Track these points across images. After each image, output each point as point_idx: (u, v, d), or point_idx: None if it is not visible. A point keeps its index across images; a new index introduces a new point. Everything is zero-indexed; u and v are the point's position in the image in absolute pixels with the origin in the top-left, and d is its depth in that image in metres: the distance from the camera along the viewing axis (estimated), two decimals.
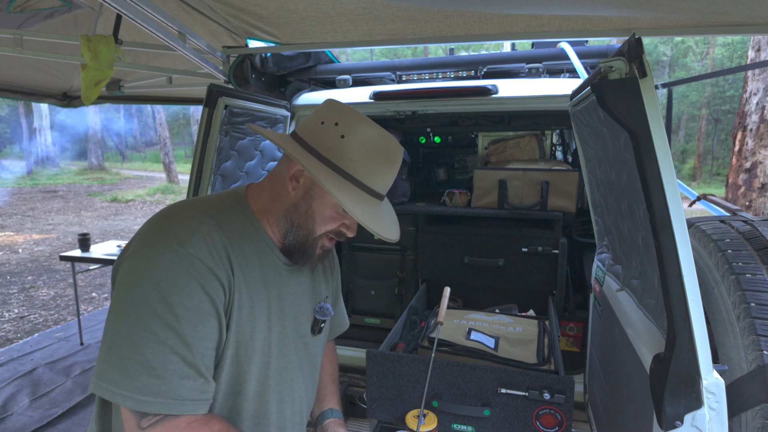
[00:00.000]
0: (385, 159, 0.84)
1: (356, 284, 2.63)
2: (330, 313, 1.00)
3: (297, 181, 0.84)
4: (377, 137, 0.83)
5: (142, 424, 0.69)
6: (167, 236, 0.74)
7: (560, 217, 2.19)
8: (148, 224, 0.79)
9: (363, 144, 0.81)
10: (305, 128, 0.84)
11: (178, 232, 0.75)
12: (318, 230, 0.85)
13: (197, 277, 0.72)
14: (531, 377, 1.28)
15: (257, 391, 0.86)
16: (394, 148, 0.86)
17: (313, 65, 2.47)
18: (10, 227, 8.80)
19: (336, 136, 0.81)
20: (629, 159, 1.07)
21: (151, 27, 1.44)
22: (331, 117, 0.82)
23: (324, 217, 0.85)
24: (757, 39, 5.12)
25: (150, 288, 0.70)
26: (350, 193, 0.80)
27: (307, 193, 0.84)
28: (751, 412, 1.16)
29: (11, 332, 4.06)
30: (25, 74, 2.64)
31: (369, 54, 18.57)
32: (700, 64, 16.85)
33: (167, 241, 0.73)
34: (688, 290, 0.86)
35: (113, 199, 12.28)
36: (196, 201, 0.85)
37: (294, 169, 0.83)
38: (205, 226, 0.77)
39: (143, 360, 0.68)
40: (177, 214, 0.80)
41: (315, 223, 0.85)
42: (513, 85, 2.12)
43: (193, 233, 0.75)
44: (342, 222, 0.87)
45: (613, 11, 1.27)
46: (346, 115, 0.83)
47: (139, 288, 0.70)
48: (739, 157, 5.26)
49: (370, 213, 0.82)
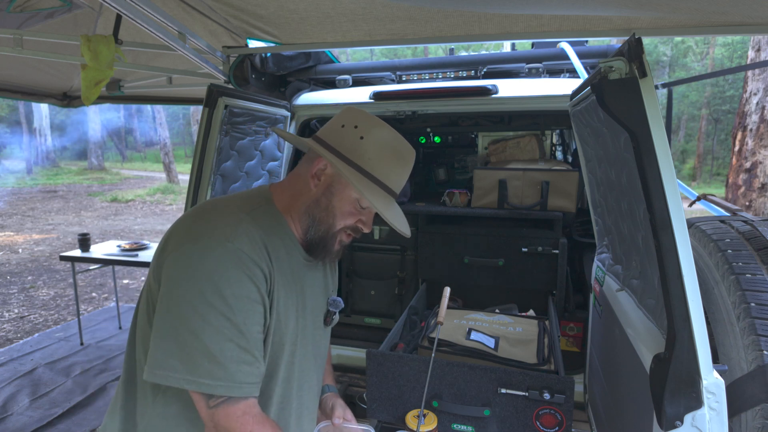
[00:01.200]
0: (399, 159, 0.93)
1: (356, 284, 2.63)
2: (341, 305, 1.07)
3: (319, 178, 0.91)
4: (393, 139, 0.92)
5: (210, 404, 0.77)
6: (212, 233, 0.81)
7: (560, 217, 2.19)
8: (185, 222, 0.86)
9: (380, 145, 0.90)
10: (327, 131, 0.93)
11: (221, 229, 0.82)
12: (337, 224, 0.92)
13: (244, 269, 0.79)
14: (531, 377, 1.28)
15: (284, 378, 0.93)
16: (408, 150, 0.95)
17: (313, 65, 2.47)
18: (10, 227, 8.80)
19: (356, 137, 0.89)
20: (629, 159, 1.07)
21: (151, 27, 1.44)
22: (351, 121, 0.91)
23: (343, 212, 0.92)
24: (757, 39, 5.12)
25: (203, 282, 0.76)
26: (369, 188, 0.88)
27: (328, 189, 0.91)
28: (751, 412, 1.16)
29: (11, 332, 4.06)
30: (25, 74, 2.64)
31: (369, 54, 18.57)
32: (700, 64, 16.86)
33: (214, 237, 0.80)
34: (688, 290, 0.86)
35: (113, 199, 12.29)
36: (228, 199, 0.92)
37: (316, 167, 0.91)
38: (245, 222, 0.84)
39: (203, 348, 0.75)
40: (215, 211, 0.87)
41: (335, 218, 0.92)
42: (513, 85, 2.12)
43: (235, 228, 0.82)
44: (359, 218, 0.94)
45: (613, 11, 1.27)
46: (365, 119, 0.91)
47: (193, 282, 0.77)
48: (739, 157, 5.26)
49: (387, 207, 0.91)
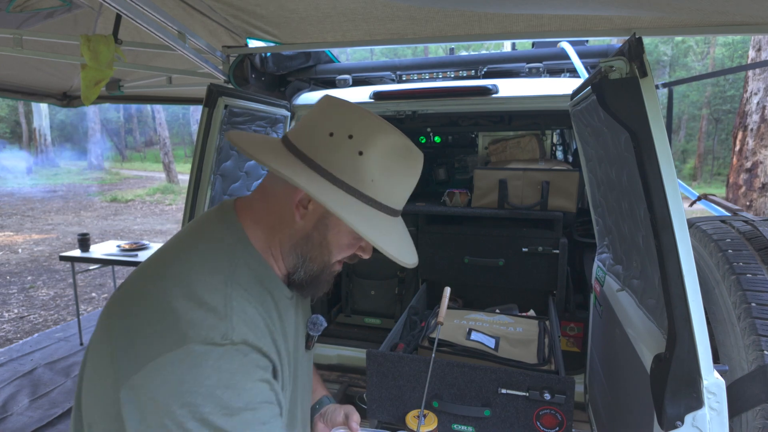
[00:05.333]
0: (408, 171, 0.73)
1: (356, 284, 2.63)
2: (322, 325, 0.89)
3: (305, 207, 0.70)
4: (399, 148, 0.71)
5: None
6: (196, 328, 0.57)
7: (560, 217, 2.19)
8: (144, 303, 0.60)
9: (385, 159, 0.69)
10: (309, 141, 0.69)
11: (207, 316, 0.58)
12: (333, 259, 0.75)
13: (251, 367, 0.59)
14: (531, 377, 1.28)
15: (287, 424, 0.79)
16: (416, 156, 0.74)
17: (313, 65, 2.46)
18: (9, 227, 8.80)
19: (352, 153, 0.67)
20: (630, 159, 1.07)
21: (150, 27, 1.44)
22: (343, 127, 0.69)
23: (340, 245, 0.74)
24: (758, 39, 5.12)
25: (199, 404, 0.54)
26: (372, 220, 0.69)
27: (320, 222, 0.71)
28: (752, 413, 1.16)
29: (11, 332, 4.06)
30: (25, 74, 2.63)
31: (369, 54, 18.57)
32: (701, 63, 16.86)
33: (202, 337, 0.56)
34: (688, 290, 0.86)
35: (113, 199, 12.29)
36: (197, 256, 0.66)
37: (300, 195, 0.69)
38: (234, 296, 0.62)
39: None
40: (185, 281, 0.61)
41: (331, 254, 0.74)
42: (513, 84, 2.12)
43: (225, 312, 0.60)
44: (359, 245, 0.77)
45: (614, 11, 1.27)
46: (361, 123, 0.69)
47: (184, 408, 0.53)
48: (740, 156, 5.26)
49: (391, 237, 0.72)
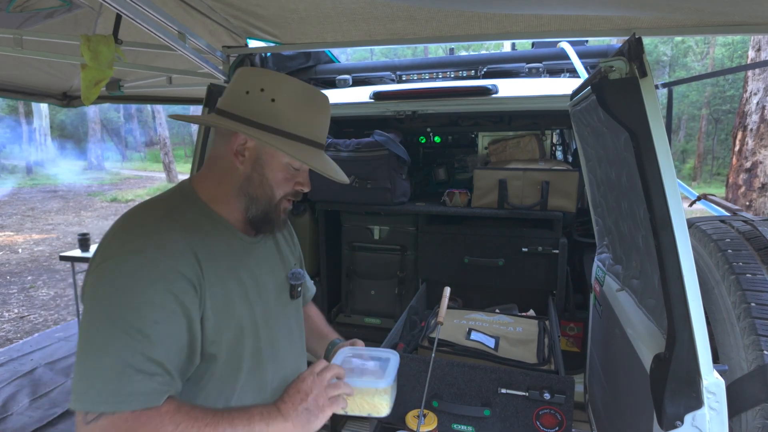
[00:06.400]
0: (316, 109, 0.89)
1: (356, 284, 2.63)
2: (303, 275, 1.04)
3: (242, 155, 0.86)
4: (304, 90, 0.87)
5: (86, 419, 0.69)
6: (127, 245, 0.75)
7: (560, 217, 2.19)
8: (106, 236, 0.80)
9: (293, 101, 0.85)
10: (231, 102, 0.85)
11: (137, 240, 0.76)
12: (277, 194, 0.89)
13: (160, 278, 0.73)
14: (531, 377, 1.28)
15: (252, 366, 0.88)
16: (321, 97, 0.90)
17: (313, 65, 2.47)
18: (10, 227, 8.80)
19: (266, 101, 0.83)
20: (629, 159, 1.07)
21: (151, 27, 1.44)
22: (255, 84, 0.84)
23: (278, 180, 0.88)
24: (757, 39, 5.12)
25: (113, 299, 0.71)
26: (298, 148, 0.84)
27: (256, 162, 0.86)
28: (752, 412, 1.16)
29: (11, 332, 4.06)
30: (25, 74, 2.63)
31: (369, 54, 18.57)
32: (701, 63, 16.86)
33: (128, 250, 0.74)
34: (688, 290, 0.86)
35: (113, 199, 12.28)
36: (147, 204, 0.86)
37: (236, 144, 0.85)
38: (163, 226, 0.78)
39: (105, 365, 0.68)
40: (133, 220, 0.81)
41: (273, 189, 0.88)
42: (513, 84, 2.12)
43: (151, 235, 0.76)
44: (296, 180, 0.91)
45: (613, 11, 1.27)
46: (268, 78, 0.85)
47: (104, 300, 0.71)
48: (740, 156, 5.26)
49: (321, 161, 0.88)
